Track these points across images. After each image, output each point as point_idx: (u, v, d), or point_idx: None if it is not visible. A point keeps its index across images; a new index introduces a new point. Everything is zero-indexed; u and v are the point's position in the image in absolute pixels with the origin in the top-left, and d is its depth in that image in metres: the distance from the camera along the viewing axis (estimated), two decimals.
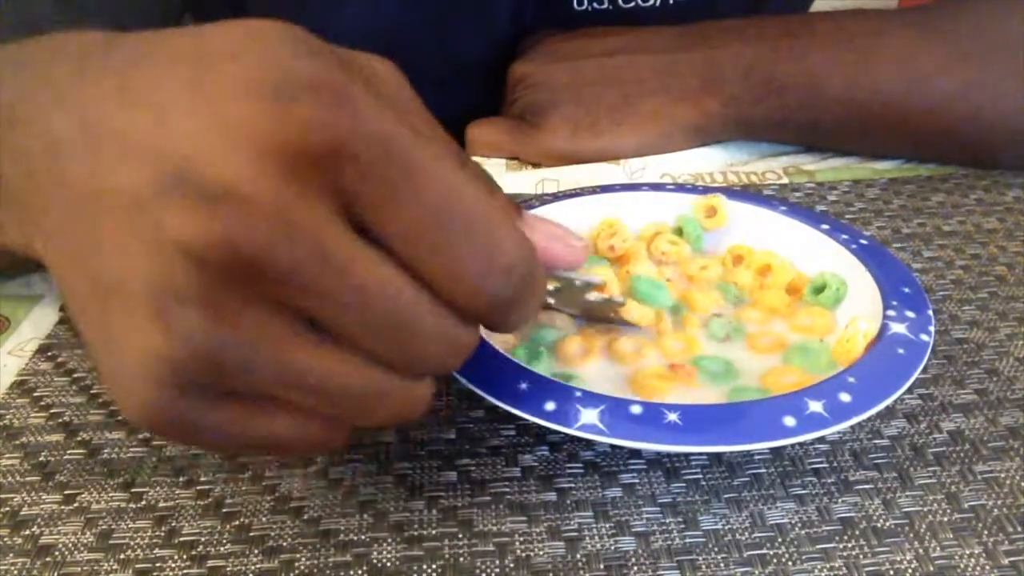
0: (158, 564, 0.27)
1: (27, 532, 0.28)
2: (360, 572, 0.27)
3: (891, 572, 0.26)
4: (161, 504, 0.29)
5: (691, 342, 0.33)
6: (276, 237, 0.18)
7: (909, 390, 0.29)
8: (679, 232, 0.40)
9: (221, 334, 0.18)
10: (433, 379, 0.22)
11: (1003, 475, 0.29)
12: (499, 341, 0.33)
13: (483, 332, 0.31)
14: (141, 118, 0.19)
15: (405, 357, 0.21)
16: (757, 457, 0.30)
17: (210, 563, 0.27)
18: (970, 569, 0.26)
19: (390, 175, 0.19)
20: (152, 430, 0.21)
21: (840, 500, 0.28)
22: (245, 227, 0.18)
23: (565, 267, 0.23)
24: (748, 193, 0.42)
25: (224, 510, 0.29)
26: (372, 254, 0.19)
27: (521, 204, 0.40)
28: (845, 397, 0.28)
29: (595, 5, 0.54)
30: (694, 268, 0.38)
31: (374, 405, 0.21)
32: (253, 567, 0.27)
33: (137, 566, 0.27)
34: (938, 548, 0.27)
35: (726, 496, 0.29)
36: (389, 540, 0.28)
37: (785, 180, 0.50)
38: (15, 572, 0.27)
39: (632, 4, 0.54)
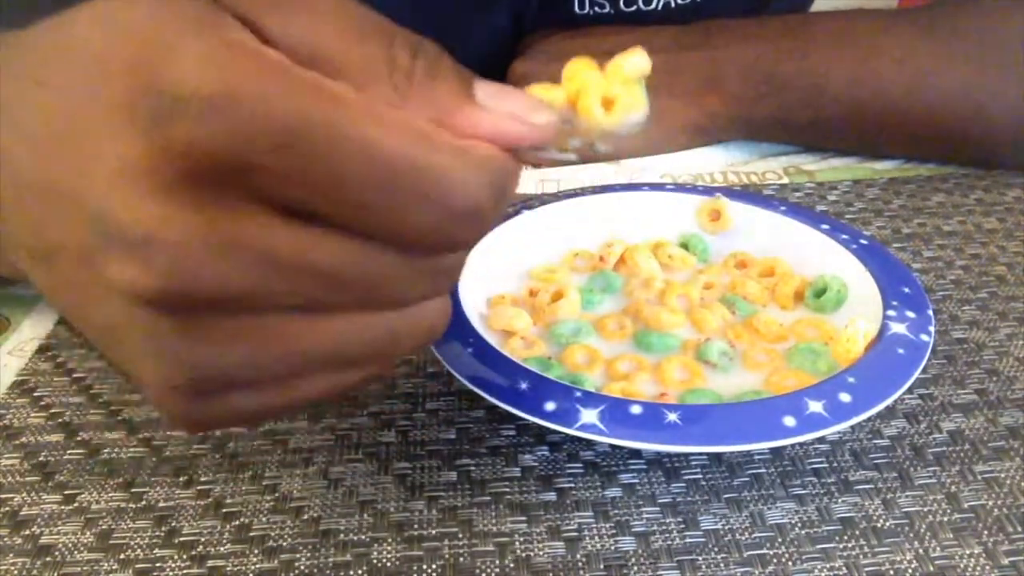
0: (158, 564, 0.27)
1: (27, 532, 0.28)
2: (360, 572, 0.27)
3: (891, 572, 0.26)
4: (161, 504, 0.29)
5: (696, 371, 0.32)
6: (213, 270, 0.17)
7: (909, 390, 0.30)
8: (684, 247, 0.40)
9: (212, 353, 0.19)
10: (447, 292, 0.22)
11: (1003, 475, 0.29)
12: (508, 348, 0.33)
13: (484, 334, 0.32)
14: (53, 168, 0.19)
15: (393, 303, 0.20)
16: (757, 457, 0.30)
17: (210, 563, 0.27)
18: (970, 569, 0.26)
19: (302, 164, 0.17)
20: (204, 430, 0.22)
21: (840, 500, 0.28)
22: (178, 271, 0.17)
23: (528, 147, 0.21)
24: (748, 193, 0.42)
25: (224, 510, 0.29)
26: (320, 238, 0.18)
27: (521, 204, 0.40)
28: (845, 397, 0.28)
29: (596, 8, 0.54)
30: (698, 287, 0.37)
31: (387, 348, 0.21)
32: (253, 567, 0.27)
33: (137, 566, 0.27)
34: (938, 548, 0.27)
35: (726, 496, 0.29)
36: (389, 540, 0.28)
37: (785, 180, 0.50)
38: (15, 572, 0.27)
39: (634, 7, 0.54)
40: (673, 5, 0.54)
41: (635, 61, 0.24)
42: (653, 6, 0.54)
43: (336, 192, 0.17)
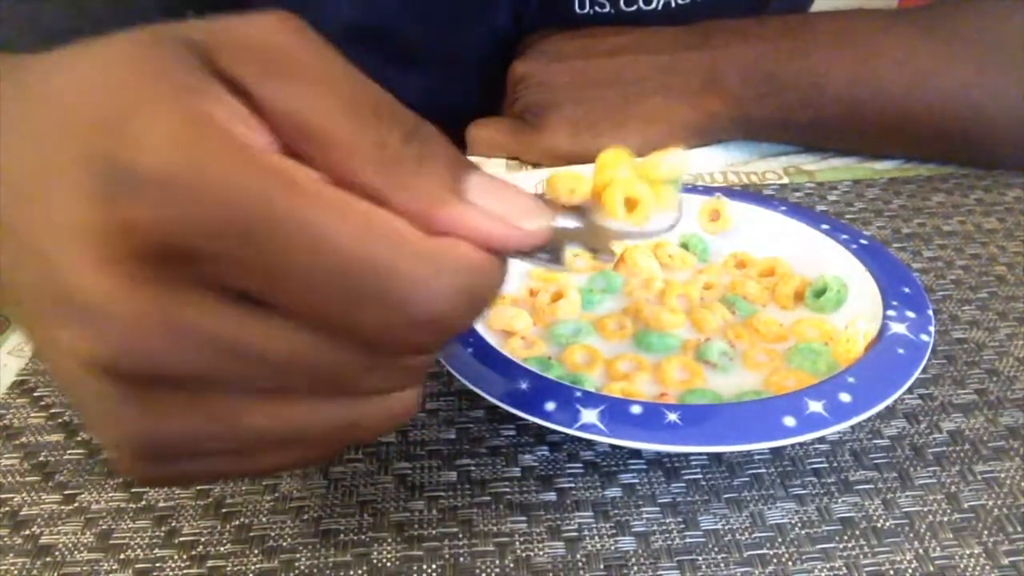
0: (158, 564, 0.27)
1: (27, 532, 0.28)
2: (360, 572, 0.27)
3: (891, 572, 0.26)
4: (161, 504, 0.29)
5: (696, 371, 0.32)
6: (160, 350, 0.17)
7: (909, 390, 0.30)
8: (684, 247, 0.40)
9: (160, 426, 0.18)
10: (417, 384, 0.21)
11: (1003, 475, 0.29)
12: (508, 348, 0.33)
13: (484, 334, 0.32)
14: (21, 212, 0.18)
15: (351, 396, 0.20)
16: (757, 457, 0.30)
17: (210, 563, 0.27)
18: (970, 569, 0.26)
19: (251, 255, 0.16)
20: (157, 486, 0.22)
21: (840, 500, 0.28)
22: (124, 348, 0.17)
23: (511, 252, 0.20)
24: (748, 193, 0.42)
25: (224, 510, 0.29)
26: (272, 327, 0.18)
27: None
28: (845, 397, 0.28)
29: (597, 8, 0.54)
30: (698, 287, 0.37)
31: (345, 434, 0.21)
32: (253, 567, 0.27)
33: (137, 566, 0.27)
34: (938, 548, 0.27)
35: (726, 496, 0.29)
36: (389, 540, 0.28)
37: (785, 180, 0.50)
38: (15, 572, 0.27)
39: (634, 7, 0.54)
40: (673, 5, 0.54)
41: (673, 161, 0.23)
42: (653, 6, 0.54)
43: (287, 286, 0.17)
